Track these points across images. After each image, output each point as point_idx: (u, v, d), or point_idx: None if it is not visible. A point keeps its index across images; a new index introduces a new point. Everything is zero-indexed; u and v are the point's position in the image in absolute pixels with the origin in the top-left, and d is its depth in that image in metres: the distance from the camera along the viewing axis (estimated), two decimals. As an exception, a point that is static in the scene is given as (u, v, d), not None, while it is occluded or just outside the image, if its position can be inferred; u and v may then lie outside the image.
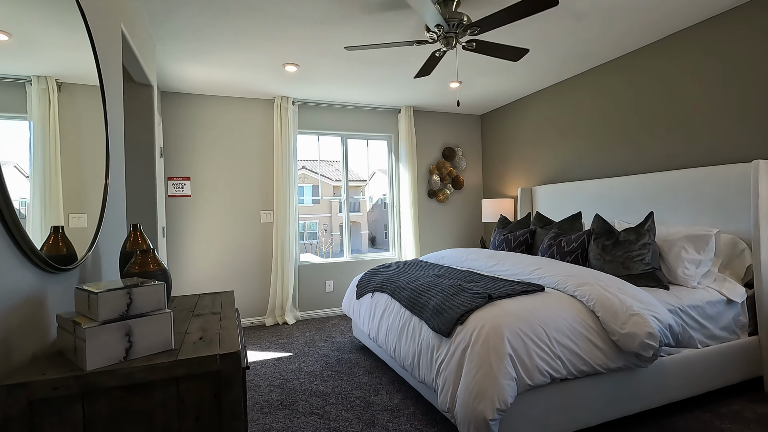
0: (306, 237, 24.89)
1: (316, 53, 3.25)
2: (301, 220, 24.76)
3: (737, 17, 2.67)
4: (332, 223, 26.28)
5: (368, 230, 25.94)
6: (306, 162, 23.93)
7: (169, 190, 4.05)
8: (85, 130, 1.42)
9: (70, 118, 1.30)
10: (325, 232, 25.09)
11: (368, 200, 26.60)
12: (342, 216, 4.93)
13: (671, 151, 3.09)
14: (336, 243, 23.86)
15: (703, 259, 2.45)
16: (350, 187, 27.71)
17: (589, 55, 3.41)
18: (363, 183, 26.52)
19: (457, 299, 2.14)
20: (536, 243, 3.30)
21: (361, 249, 25.28)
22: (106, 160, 1.58)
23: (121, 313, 0.98)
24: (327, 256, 24.13)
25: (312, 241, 24.70)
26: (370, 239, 26.45)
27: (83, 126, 1.41)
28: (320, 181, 25.06)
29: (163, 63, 3.35)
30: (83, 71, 1.42)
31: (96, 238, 1.45)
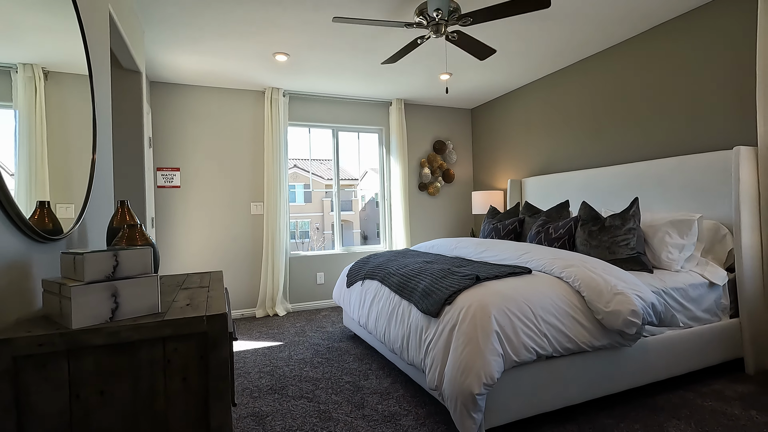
0: (298, 236, 24.81)
1: (306, 42, 3.25)
2: (293, 218, 24.66)
3: (716, 10, 2.73)
4: (324, 222, 26.21)
5: (360, 229, 25.92)
6: (298, 161, 23.87)
7: (158, 180, 4.02)
8: (72, 121, 1.41)
9: (57, 107, 1.29)
10: (317, 231, 25.03)
11: (360, 199, 26.59)
12: (333, 214, 4.94)
13: (655, 140, 3.14)
14: (328, 242, 23.81)
15: (686, 244, 2.50)
16: (342, 186, 27.71)
17: (575, 47, 3.45)
18: (355, 182, 26.49)
19: (445, 281, 2.16)
20: (525, 231, 3.34)
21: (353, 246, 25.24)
22: (93, 135, 1.57)
23: (107, 275, 0.98)
24: None
25: (304, 240, 24.63)
26: (362, 237, 26.42)
27: (70, 116, 1.40)
28: (311, 180, 25.01)
29: (151, 51, 3.33)
30: (71, 59, 1.42)
31: (83, 213, 1.45)
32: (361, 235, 26.52)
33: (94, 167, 1.54)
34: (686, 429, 1.85)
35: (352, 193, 26.87)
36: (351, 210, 27.21)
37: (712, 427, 1.86)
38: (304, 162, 24.31)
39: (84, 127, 1.52)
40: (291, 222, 26.46)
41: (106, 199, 1.83)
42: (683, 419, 1.94)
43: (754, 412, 1.98)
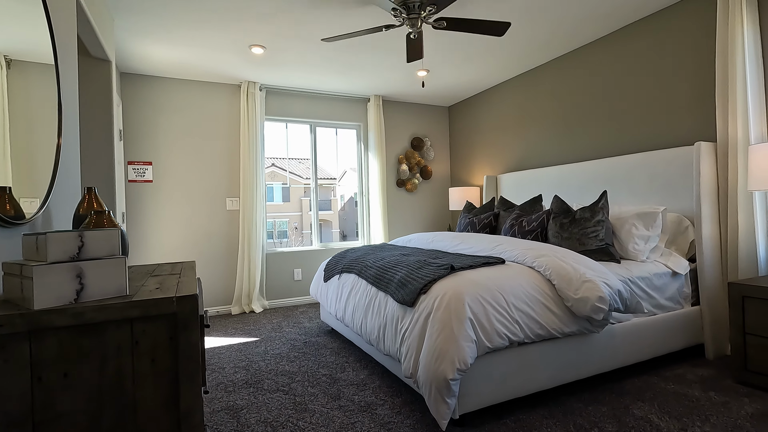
0: (276, 235, 24.52)
1: (282, 35, 3.23)
2: (271, 218, 24.35)
3: (679, 12, 2.86)
4: (303, 221, 25.99)
5: (339, 228, 25.83)
6: (275, 159, 23.58)
7: (129, 174, 3.91)
8: (36, 110, 1.36)
9: (20, 95, 1.25)
10: (295, 230, 24.80)
11: (339, 198, 26.49)
12: (312, 213, 4.91)
13: (623, 136, 3.26)
14: (307, 241, 23.61)
15: (651, 235, 2.60)
16: (321, 185, 27.30)
17: (547, 47, 3.55)
18: (333, 181, 26.39)
19: (421, 272, 2.18)
20: (500, 225, 3.41)
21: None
22: (59, 120, 1.52)
23: (72, 256, 0.95)
24: None
25: (282, 239, 24.36)
26: (341, 236, 26.34)
27: (35, 105, 1.35)
28: (289, 179, 24.74)
29: (122, 40, 3.24)
30: (35, 47, 1.37)
31: (47, 199, 1.40)
32: (340, 234, 26.43)
33: (60, 152, 1.49)
34: (650, 410, 1.93)
35: (331, 193, 26.77)
36: (330, 209, 27.09)
37: (674, 408, 1.94)
38: (282, 161, 24.01)
39: (50, 116, 1.47)
40: (269, 221, 26.08)
41: (73, 186, 1.77)
42: (647, 401, 2.02)
43: (712, 393, 2.08)
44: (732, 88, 2.48)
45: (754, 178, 2.21)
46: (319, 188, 26.68)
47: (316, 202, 4.87)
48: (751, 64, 2.44)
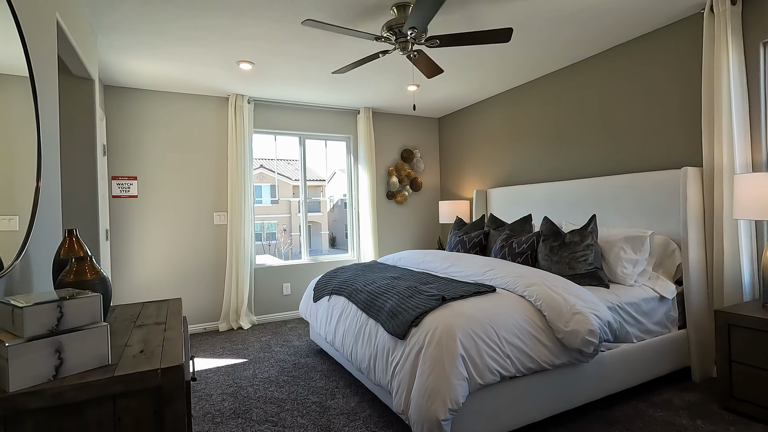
0: (264, 238, 24.31)
1: (271, 52, 3.18)
2: (259, 220, 24.15)
3: (667, 35, 2.89)
4: (291, 223, 25.83)
5: (329, 230, 25.74)
6: (264, 161, 23.36)
7: (113, 190, 3.82)
8: (14, 126, 1.31)
9: None
10: (284, 232, 24.62)
11: (328, 200, 26.36)
12: (301, 218, 4.86)
13: (612, 157, 3.29)
14: (295, 243, 23.48)
15: (639, 259, 2.63)
16: (310, 187, 27.15)
17: (537, 64, 3.56)
18: (323, 183, 26.26)
19: (412, 301, 2.17)
20: (490, 244, 3.41)
21: (321, 250, 25.04)
22: (38, 159, 1.46)
23: (51, 329, 0.91)
24: (286, 257, 23.65)
25: (271, 241, 24.15)
26: (330, 239, 26.25)
27: (12, 121, 1.30)
28: (278, 181, 24.54)
29: (106, 55, 3.16)
30: (12, 60, 1.31)
31: (25, 245, 1.35)
32: (330, 237, 26.32)
33: (38, 195, 1.43)
34: (639, 442, 1.94)
35: (320, 194, 26.62)
36: (319, 211, 26.95)
37: (663, 439, 1.96)
38: (270, 162, 23.79)
39: (29, 133, 1.41)
40: (257, 224, 25.82)
41: (54, 226, 1.71)
42: (636, 431, 2.03)
43: (699, 421, 2.10)
44: (717, 115, 2.51)
45: (738, 206, 2.24)
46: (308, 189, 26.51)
47: (305, 213, 4.82)
48: (736, 92, 2.47)
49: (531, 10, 2.64)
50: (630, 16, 2.75)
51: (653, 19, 2.82)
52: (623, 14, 2.73)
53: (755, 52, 2.47)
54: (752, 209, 2.16)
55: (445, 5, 2.52)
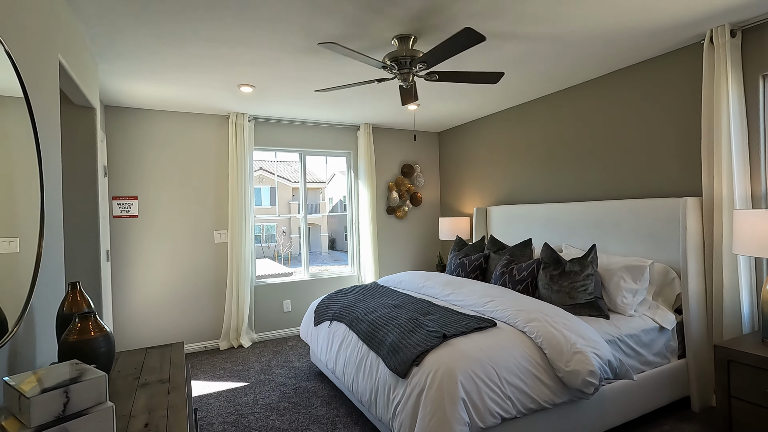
0: (263, 240, 24.30)
1: (272, 77, 3.18)
2: (259, 222, 24.10)
3: (668, 63, 2.90)
4: (291, 224, 25.82)
5: (328, 232, 25.74)
6: (263, 162, 23.33)
7: (114, 210, 3.82)
8: (16, 150, 1.30)
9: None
10: (283, 234, 24.62)
11: (328, 202, 26.35)
12: (302, 230, 4.86)
13: (612, 181, 3.30)
14: (295, 245, 23.48)
15: (639, 289, 2.64)
16: (309, 189, 26.98)
17: (538, 87, 3.57)
18: (322, 185, 26.25)
19: (413, 337, 2.18)
20: (490, 267, 3.42)
21: (321, 252, 25.05)
22: (41, 219, 1.46)
23: (57, 415, 0.92)
24: (285, 260, 23.25)
25: (270, 243, 24.15)
26: (329, 241, 26.26)
27: (14, 145, 1.29)
28: (277, 183, 24.53)
29: (107, 80, 3.16)
30: (12, 84, 1.31)
31: (28, 302, 1.35)
32: (329, 239, 26.31)
33: (41, 259, 1.44)
34: (639, 481, 1.95)
35: (319, 196, 26.59)
36: (319, 213, 26.91)
37: (662, 478, 1.97)
38: (270, 164, 23.78)
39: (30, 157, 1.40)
40: (256, 225, 25.82)
41: (56, 280, 1.72)
42: (636, 469, 2.04)
43: (698, 457, 2.11)
44: (717, 146, 2.52)
45: (738, 242, 2.25)
46: (308, 191, 26.44)
47: (306, 234, 4.82)
48: (735, 124, 2.48)
49: (531, 44, 2.64)
50: (629, 45, 2.76)
51: (653, 48, 2.83)
52: (622, 44, 2.74)
53: (755, 85, 2.48)
54: (751, 246, 2.17)
55: (444, 32, 2.52)
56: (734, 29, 2.49)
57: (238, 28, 2.37)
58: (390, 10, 2.21)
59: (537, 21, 2.38)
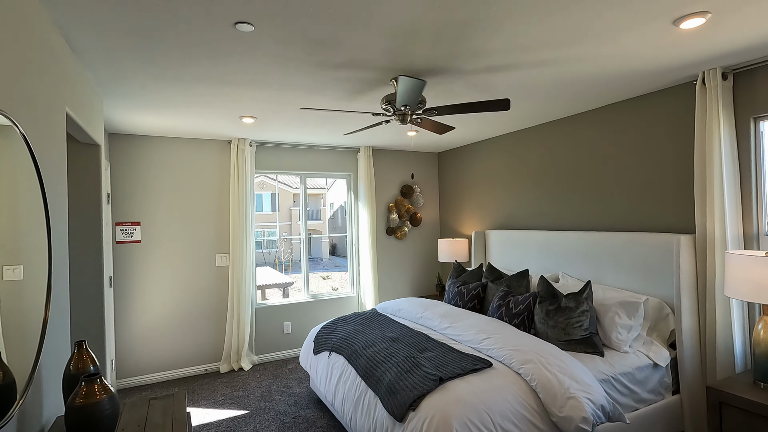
0: (264, 245, 24.36)
1: (273, 111, 3.24)
2: (259, 228, 24.18)
3: (662, 99, 2.95)
4: (292, 231, 25.85)
5: (329, 238, 25.79)
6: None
7: (117, 236, 3.88)
8: (21, 181, 1.34)
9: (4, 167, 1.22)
10: (284, 241, 24.68)
11: (329, 207, 26.42)
12: (302, 253, 4.91)
13: (608, 212, 3.34)
14: (296, 251, 23.53)
15: (633, 325, 2.68)
16: (310, 195, 26.84)
17: (535, 116, 3.63)
18: (322, 190, 26.30)
19: (410, 378, 2.22)
20: (488, 297, 3.46)
21: (321, 258, 25.10)
22: (47, 295, 1.51)
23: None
24: (286, 266, 23.16)
25: (271, 249, 24.21)
26: (330, 247, 26.31)
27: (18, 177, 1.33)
28: (278, 188, 24.57)
29: (112, 113, 3.22)
30: (25, 157, 1.36)
31: (34, 370, 1.40)
32: (330, 244, 26.30)
33: (47, 325, 1.49)
34: None
35: (320, 202, 26.62)
36: (319, 219, 26.96)
37: None
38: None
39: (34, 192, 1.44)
40: (257, 231, 25.78)
41: (62, 341, 1.77)
42: None
43: (691, 499, 2.15)
44: (709, 186, 2.56)
45: (730, 285, 2.29)
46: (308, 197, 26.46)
47: (306, 255, 4.87)
48: (727, 165, 2.52)
49: (529, 79, 2.70)
50: (624, 84, 2.81)
51: (648, 86, 2.88)
52: (617, 83, 2.79)
53: (746, 127, 2.53)
54: (743, 290, 2.21)
55: (446, 74, 2.57)
56: (726, 72, 2.54)
57: (241, 72, 2.43)
58: (390, 57, 2.27)
59: (528, 63, 2.43)
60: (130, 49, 2.08)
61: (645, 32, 2.02)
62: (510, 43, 2.11)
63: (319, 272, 19.53)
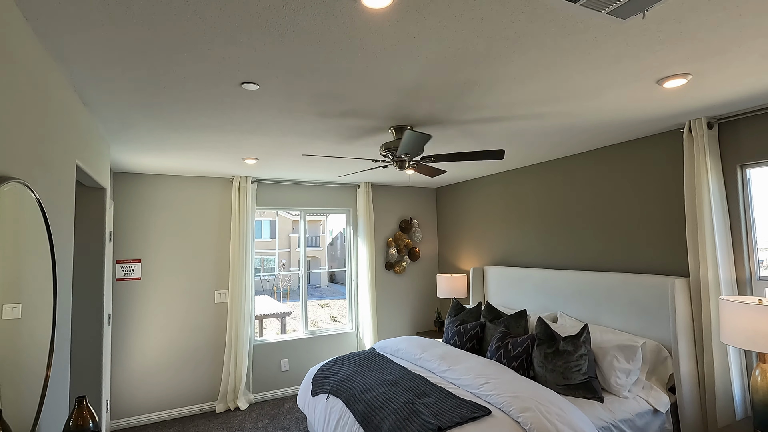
0: (263, 270, 24.24)
1: (275, 154, 3.34)
2: (259, 254, 24.13)
3: (651, 144, 3.04)
4: (290, 258, 25.78)
5: (327, 266, 25.66)
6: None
7: (117, 273, 3.90)
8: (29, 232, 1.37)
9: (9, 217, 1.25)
10: (283, 267, 24.59)
11: (328, 234, 26.42)
12: (300, 297, 4.92)
13: (604, 252, 3.39)
14: (294, 279, 23.38)
15: (632, 369, 2.68)
16: (309, 222, 26.75)
17: (529, 156, 3.73)
18: (322, 218, 26.39)
19: (408, 427, 2.21)
20: (486, 337, 3.46)
21: (320, 285, 24.92)
22: (52, 334, 1.54)
23: None
24: (284, 294, 22.87)
25: (270, 276, 24.08)
26: (329, 274, 26.18)
27: (27, 226, 1.36)
28: (278, 215, 24.66)
29: (117, 155, 3.31)
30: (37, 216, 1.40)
31: (36, 426, 1.41)
32: (328, 275, 26.16)
33: (47, 384, 1.51)
34: None
35: (319, 229, 26.64)
36: (318, 246, 26.91)
37: None
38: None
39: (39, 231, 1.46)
40: (256, 258, 25.63)
41: (61, 398, 1.78)
42: None
43: None
44: (701, 231, 2.62)
45: (725, 332, 2.30)
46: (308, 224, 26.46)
47: (305, 291, 4.87)
48: (717, 212, 2.59)
49: (521, 127, 2.80)
50: (612, 131, 2.91)
51: (635, 133, 2.98)
52: (604, 130, 2.90)
53: (733, 175, 2.61)
54: (739, 339, 2.22)
55: (442, 124, 2.67)
56: (711, 122, 2.65)
57: (245, 122, 2.53)
58: (388, 110, 2.37)
59: (522, 116, 2.53)
60: (139, 102, 2.17)
61: (630, 90, 2.13)
62: (502, 100, 2.22)
63: (317, 300, 19.36)
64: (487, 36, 1.54)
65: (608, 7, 1.36)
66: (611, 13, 1.40)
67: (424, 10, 1.36)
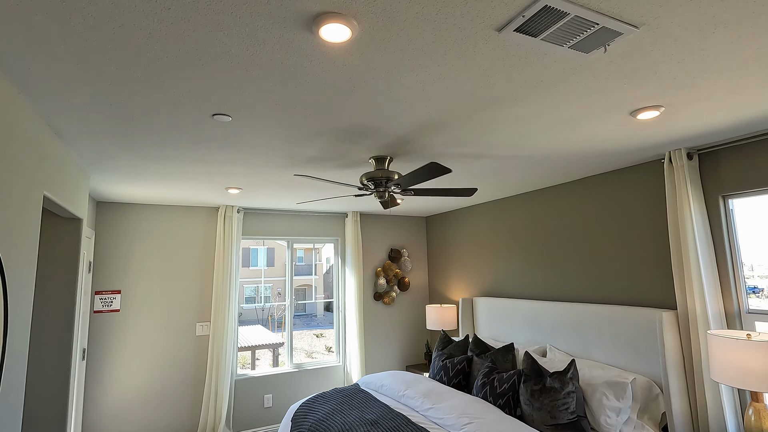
0: (259, 300, 23.90)
1: (258, 183, 3.32)
2: (254, 283, 23.85)
3: (636, 173, 3.03)
4: (286, 286, 25.42)
5: (323, 293, 25.33)
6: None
7: (95, 305, 3.80)
8: None
9: None
10: (278, 295, 24.26)
11: (324, 262, 26.21)
12: (285, 333, 4.80)
13: (590, 284, 3.32)
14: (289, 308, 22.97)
15: (622, 407, 2.56)
16: (305, 249, 26.48)
17: (516, 186, 3.71)
18: (318, 245, 26.23)
19: (384, 473, 2.08)
20: (473, 372, 3.34)
21: (316, 314, 24.51)
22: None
23: None
24: (279, 323, 22.47)
25: (265, 305, 23.72)
26: (325, 303, 25.80)
27: None
28: (275, 243, 24.54)
29: (97, 184, 3.29)
30: None
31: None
32: (324, 306, 25.79)
33: None
34: None
35: (315, 257, 26.44)
36: (315, 274, 26.66)
37: None
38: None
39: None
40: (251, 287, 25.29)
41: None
42: None
43: None
44: (686, 263, 2.56)
45: (715, 370, 2.22)
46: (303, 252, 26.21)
47: (290, 324, 4.75)
48: (701, 243, 2.54)
49: (500, 162, 2.79)
50: (593, 161, 2.91)
51: (617, 164, 2.98)
52: (585, 161, 2.89)
53: (716, 205, 2.58)
54: (730, 376, 2.13)
55: (419, 154, 2.66)
56: (691, 152, 2.64)
57: (223, 152, 2.51)
58: (364, 142, 2.36)
59: (501, 147, 2.53)
60: (113, 135, 2.16)
61: (605, 122, 2.13)
62: (481, 141, 2.21)
63: (313, 329, 18.97)
64: (455, 74, 1.54)
65: (569, 42, 1.36)
66: (573, 48, 1.40)
67: (382, 45, 1.36)
